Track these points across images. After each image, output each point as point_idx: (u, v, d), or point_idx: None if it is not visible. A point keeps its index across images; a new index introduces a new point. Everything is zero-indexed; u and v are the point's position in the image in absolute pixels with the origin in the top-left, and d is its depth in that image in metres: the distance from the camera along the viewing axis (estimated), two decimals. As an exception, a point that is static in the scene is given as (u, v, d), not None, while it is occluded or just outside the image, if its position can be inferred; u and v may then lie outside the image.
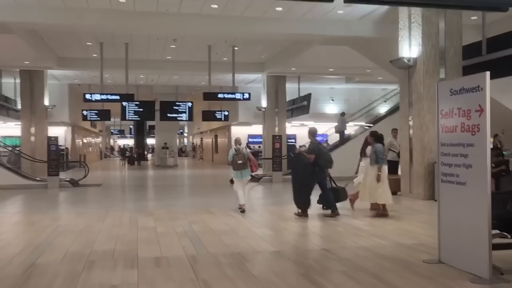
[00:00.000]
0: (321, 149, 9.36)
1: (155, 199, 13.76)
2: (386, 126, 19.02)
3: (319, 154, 9.22)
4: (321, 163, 9.25)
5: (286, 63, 20.30)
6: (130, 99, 18.30)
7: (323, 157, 9.29)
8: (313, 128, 9.65)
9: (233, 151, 10.42)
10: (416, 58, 12.08)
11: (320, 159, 9.20)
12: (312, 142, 9.47)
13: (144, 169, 30.20)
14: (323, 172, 9.44)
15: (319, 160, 9.19)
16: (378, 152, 9.17)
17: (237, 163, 10.26)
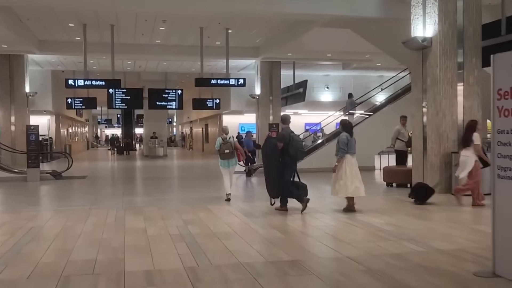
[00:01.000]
0: (292, 137, 8.41)
1: (144, 193, 12.46)
2: (387, 114, 18.05)
3: (290, 142, 8.34)
4: (291, 152, 8.36)
5: (282, 47, 19.02)
6: (117, 85, 16.91)
7: (294, 145, 8.37)
8: (285, 115, 8.94)
9: (220, 140, 10.06)
10: (432, 37, 10.88)
11: (291, 148, 8.33)
12: (283, 129, 8.70)
13: (132, 160, 28.83)
14: (295, 164, 8.62)
15: (290, 149, 8.33)
16: (340, 141, 8.47)
17: (224, 153, 9.92)
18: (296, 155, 8.44)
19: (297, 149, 8.40)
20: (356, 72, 27.60)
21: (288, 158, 8.41)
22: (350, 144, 8.47)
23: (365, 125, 18.08)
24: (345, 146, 8.38)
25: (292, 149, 8.33)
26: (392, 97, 19.28)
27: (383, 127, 17.71)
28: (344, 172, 8.41)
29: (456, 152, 10.63)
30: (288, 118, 8.79)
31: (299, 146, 8.49)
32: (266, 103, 22.75)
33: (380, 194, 11.51)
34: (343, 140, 8.43)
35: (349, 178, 8.39)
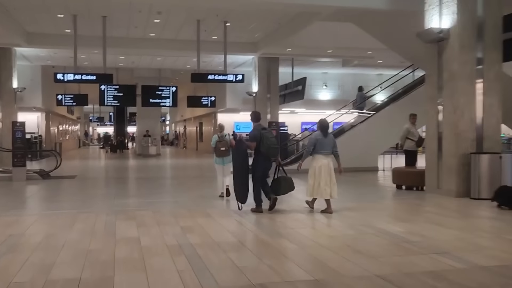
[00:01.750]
0: (263, 135, 8.09)
1: (137, 195, 11.52)
2: (390, 113, 17.24)
3: (261, 140, 8.04)
4: (263, 149, 8.07)
5: (281, 43, 18.13)
6: (108, 80, 15.93)
7: (265, 142, 8.04)
8: (256, 112, 8.64)
9: (216, 138, 9.97)
10: (449, 29, 10.05)
11: (262, 146, 8.04)
12: (254, 128, 8.33)
13: (124, 159, 27.82)
14: (268, 161, 8.25)
15: (261, 147, 8.05)
16: (308, 141, 8.40)
17: (220, 150, 9.82)
18: (268, 152, 8.10)
19: (268, 146, 8.06)
20: (355, 70, 26.79)
21: (260, 156, 8.13)
22: (322, 144, 8.14)
23: (367, 125, 17.28)
24: (312, 146, 8.13)
25: (263, 147, 8.04)
26: (395, 96, 18.48)
27: (386, 126, 16.94)
28: (313, 173, 8.16)
29: (475, 153, 9.81)
30: (259, 115, 8.52)
31: (270, 143, 8.10)
32: (263, 101, 21.85)
33: (392, 198, 10.67)
34: (311, 140, 8.25)
35: (317, 179, 8.11)
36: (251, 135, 8.22)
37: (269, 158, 8.20)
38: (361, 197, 10.72)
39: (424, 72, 18.72)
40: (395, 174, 11.81)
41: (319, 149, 8.13)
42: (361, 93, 19.35)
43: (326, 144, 8.17)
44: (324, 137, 8.19)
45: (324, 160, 8.11)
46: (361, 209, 8.88)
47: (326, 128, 8.34)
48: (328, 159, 8.17)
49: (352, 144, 16.72)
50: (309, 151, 8.19)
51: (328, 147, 8.17)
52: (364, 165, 16.89)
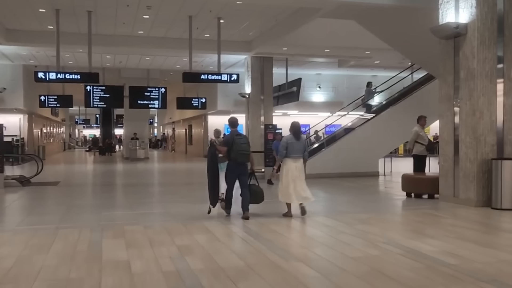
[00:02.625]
0: (235, 141, 8.13)
1: (126, 205, 10.44)
2: (391, 115, 16.40)
3: (232, 146, 8.09)
4: (232, 155, 8.13)
5: (277, 41, 17.20)
6: (94, 80, 14.82)
7: (235, 148, 8.07)
8: (233, 118, 8.54)
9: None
10: (467, 24, 9.19)
11: (232, 151, 8.10)
12: (230, 133, 8.43)
13: (111, 162, 26.66)
14: (240, 167, 8.22)
15: (231, 152, 8.12)
16: (280, 144, 8.29)
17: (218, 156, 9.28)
18: (237, 157, 8.10)
19: (237, 151, 8.07)
20: (350, 72, 25.97)
21: (230, 161, 8.21)
22: (293, 147, 8.05)
23: (366, 128, 16.41)
24: (284, 149, 8.04)
25: (233, 152, 8.08)
26: (395, 97, 17.64)
27: (387, 129, 16.12)
28: (284, 176, 8.07)
29: (496, 158, 8.95)
30: (236, 122, 8.52)
31: (240, 149, 8.09)
32: (257, 102, 20.91)
33: (406, 208, 9.75)
34: (283, 143, 8.15)
35: (284, 182, 8.05)
36: (223, 140, 8.41)
37: (241, 163, 8.20)
38: (370, 207, 9.81)
39: (424, 73, 18.17)
40: (405, 181, 10.91)
41: (290, 153, 8.05)
42: (369, 88, 18.40)
43: (298, 148, 8.09)
44: (296, 141, 8.12)
45: (295, 164, 8.04)
46: (375, 221, 7.96)
47: (299, 131, 8.25)
48: (300, 162, 8.12)
49: (351, 148, 15.89)
50: (282, 155, 8.08)
51: (299, 151, 8.10)
52: (364, 170, 16.04)
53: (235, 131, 8.38)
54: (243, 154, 8.14)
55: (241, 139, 8.25)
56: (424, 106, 15.67)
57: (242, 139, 8.26)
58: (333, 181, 14.42)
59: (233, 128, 8.44)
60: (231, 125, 8.50)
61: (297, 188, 8.02)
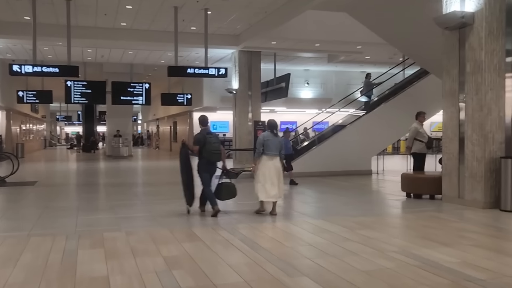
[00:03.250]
0: (207, 140, 8.08)
1: (106, 207, 9.58)
2: (383, 112, 15.78)
3: (204, 144, 8.04)
4: (204, 154, 8.08)
5: (266, 34, 16.48)
6: (74, 74, 13.90)
7: (207, 147, 8.03)
8: (203, 116, 8.48)
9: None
10: (474, 13, 8.57)
11: (203, 150, 8.05)
12: (201, 131, 8.31)
13: (93, 160, 25.67)
14: (211, 165, 8.26)
15: (203, 151, 8.07)
16: (257, 142, 8.24)
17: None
18: (209, 156, 8.06)
19: (209, 150, 8.02)
20: (339, 68, 25.40)
21: (202, 160, 8.14)
22: (269, 145, 7.98)
23: (359, 125, 15.77)
24: (261, 147, 7.98)
25: (205, 151, 8.04)
26: (387, 94, 17.06)
27: (379, 126, 15.52)
28: (261, 174, 7.98)
29: (505, 157, 8.36)
30: (206, 120, 8.43)
31: (212, 148, 8.04)
32: (244, 98, 20.17)
33: (408, 210, 9.08)
34: (259, 140, 8.10)
35: (261, 181, 7.96)
36: (195, 139, 8.23)
37: (212, 162, 8.20)
38: (369, 208, 9.15)
39: (416, 68, 17.62)
40: (404, 180, 10.27)
41: (266, 150, 7.98)
42: (367, 80, 17.59)
43: (274, 145, 8.01)
44: (273, 138, 8.05)
45: (270, 162, 7.96)
46: (379, 225, 7.31)
47: (275, 128, 8.17)
48: (276, 161, 8.03)
49: (343, 146, 15.26)
50: (260, 152, 8.00)
51: (275, 149, 8.02)
52: (356, 168, 15.43)
53: (206, 130, 8.29)
54: (216, 153, 8.10)
55: (212, 137, 8.18)
56: (418, 102, 15.14)
57: (213, 138, 8.19)
58: (325, 180, 13.76)
59: (204, 126, 8.34)
60: (202, 124, 8.38)
61: (267, 186, 7.91)
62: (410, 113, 15.45)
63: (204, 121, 8.37)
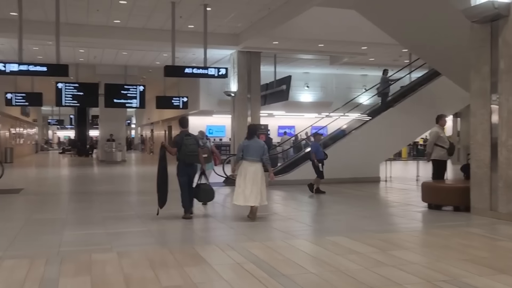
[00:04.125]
0: (184, 142, 8.04)
1: (97, 220, 8.38)
2: (392, 116, 14.81)
3: (181, 147, 8.00)
4: (180, 156, 8.07)
5: (267, 34, 15.46)
6: (63, 73, 12.69)
7: (183, 150, 7.99)
8: (184, 117, 8.56)
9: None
10: (510, 3, 7.60)
11: (180, 152, 8.02)
12: (180, 133, 8.27)
13: (85, 166, 24.51)
14: (189, 167, 8.19)
15: (180, 153, 8.03)
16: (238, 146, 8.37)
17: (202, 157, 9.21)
18: (185, 158, 8.03)
19: (185, 153, 7.97)
20: (339, 70, 24.43)
21: (180, 162, 8.12)
22: (248, 150, 7.89)
23: (366, 129, 14.73)
24: (240, 152, 7.97)
25: (181, 153, 8.00)
26: (396, 96, 16.07)
27: (388, 130, 14.53)
28: (239, 179, 7.91)
29: (547, 165, 7.37)
30: (187, 122, 8.43)
31: (188, 150, 7.98)
32: (243, 101, 19.13)
33: (437, 225, 7.97)
34: (239, 146, 8.14)
35: (242, 186, 7.83)
36: (173, 140, 8.28)
37: (190, 164, 8.14)
38: (393, 222, 8.17)
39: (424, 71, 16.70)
40: (426, 190, 9.25)
41: (245, 155, 7.89)
42: (384, 77, 16.29)
43: (254, 151, 7.90)
44: (253, 143, 7.97)
45: (251, 167, 7.84)
46: (412, 244, 6.29)
47: (255, 133, 8.12)
48: (256, 166, 7.87)
49: (349, 152, 14.26)
50: (239, 157, 7.98)
51: (255, 154, 7.89)
52: (364, 175, 14.44)
53: (185, 132, 8.24)
54: (192, 155, 8.05)
55: (189, 139, 8.12)
56: (429, 105, 14.24)
57: (190, 140, 8.13)
58: (333, 188, 12.75)
59: (184, 128, 8.31)
60: (182, 125, 8.36)
61: (246, 192, 7.75)
62: (420, 116, 14.63)
63: (184, 123, 8.37)
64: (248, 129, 8.31)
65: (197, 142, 8.24)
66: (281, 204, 10.54)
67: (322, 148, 12.49)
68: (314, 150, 12.10)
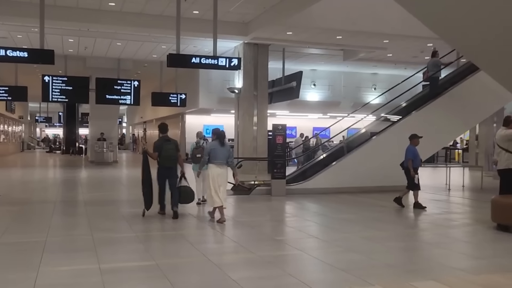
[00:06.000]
0: (163, 146, 8.30)
1: (86, 245, 6.31)
2: (423, 117, 13.00)
3: (161, 151, 8.29)
4: (160, 160, 8.35)
5: (282, 22, 13.67)
6: (47, 59, 10.61)
7: (163, 154, 8.29)
8: (163, 123, 8.83)
9: (193, 145, 10.14)
10: None
11: (160, 157, 8.31)
12: (159, 138, 8.62)
13: (74, 167, 22.40)
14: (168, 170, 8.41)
15: (160, 157, 8.32)
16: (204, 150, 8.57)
17: (196, 157, 9.67)
18: (164, 162, 8.33)
19: (163, 156, 8.29)
20: (348, 68, 22.64)
21: (160, 165, 8.42)
22: (216, 154, 8.02)
23: (390, 134, 12.79)
24: (207, 155, 8.09)
25: (161, 157, 8.32)
26: (422, 96, 14.19)
27: (419, 133, 12.67)
28: (211, 182, 7.98)
29: None
30: (166, 127, 8.77)
31: (166, 154, 8.31)
32: (249, 99, 17.33)
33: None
34: (206, 149, 8.29)
35: (213, 188, 7.94)
36: (154, 145, 8.52)
37: (168, 168, 8.38)
38: (476, 255, 6.27)
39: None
40: (498, 208, 7.39)
41: (212, 159, 8.03)
42: (434, 59, 13.47)
43: (221, 154, 8.04)
44: (219, 147, 8.08)
45: (218, 170, 8.01)
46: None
47: (223, 137, 8.22)
48: (223, 169, 8.07)
49: (374, 157, 12.41)
50: (205, 161, 8.15)
51: (222, 157, 8.04)
52: (390, 184, 12.52)
53: (164, 137, 8.56)
54: (170, 159, 8.34)
55: (169, 144, 8.41)
56: (464, 104, 12.53)
57: (169, 145, 8.41)
58: (361, 199, 10.96)
59: (163, 133, 8.65)
60: (161, 131, 8.69)
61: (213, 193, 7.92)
62: (453, 117, 12.85)
63: (163, 129, 8.69)
64: (218, 133, 8.29)
65: (176, 147, 8.49)
66: (317, 225, 8.66)
67: (417, 153, 9.98)
68: (411, 156, 9.75)
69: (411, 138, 9.98)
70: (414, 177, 9.57)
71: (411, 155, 9.70)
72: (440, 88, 13.10)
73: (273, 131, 11.59)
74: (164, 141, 8.39)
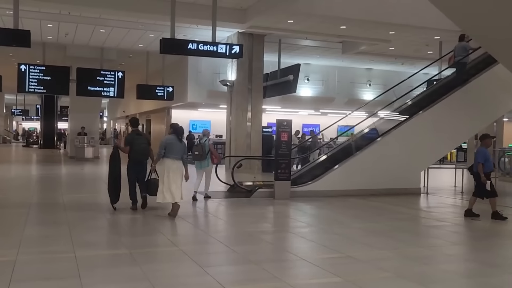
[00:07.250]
0: (134, 141, 8.32)
1: (67, 270, 4.99)
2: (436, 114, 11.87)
3: (132, 145, 8.28)
4: (130, 155, 8.35)
5: (285, 8, 12.40)
6: (22, 41, 9.09)
7: (134, 148, 8.27)
8: (134, 118, 9.12)
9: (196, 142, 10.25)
10: None
11: (131, 151, 8.30)
12: (130, 132, 8.84)
13: (52, 163, 20.79)
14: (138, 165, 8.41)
15: (130, 152, 8.31)
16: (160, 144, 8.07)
17: (194, 154, 9.74)
18: (135, 156, 8.33)
19: (134, 151, 8.27)
20: (343, 63, 21.52)
21: (130, 159, 8.40)
22: (172, 148, 7.85)
23: (402, 132, 11.62)
24: (162, 149, 7.86)
25: (132, 151, 8.30)
26: (433, 91, 13.08)
27: (431, 133, 11.60)
28: (165, 177, 7.81)
29: None
30: (137, 121, 8.94)
31: (138, 149, 8.30)
32: (243, 93, 16.07)
33: None
34: (161, 143, 7.98)
35: (166, 184, 7.80)
36: (125, 140, 8.55)
37: (139, 162, 8.38)
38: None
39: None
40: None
41: (168, 153, 7.84)
42: (463, 43, 11.96)
43: (178, 149, 7.93)
44: (177, 142, 7.95)
45: (174, 165, 7.84)
46: None
47: (181, 133, 8.09)
48: (178, 164, 7.89)
49: (385, 158, 11.26)
50: (161, 154, 7.89)
51: (178, 152, 7.93)
52: (402, 186, 11.48)
53: (135, 131, 8.62)
54: (140, 154, 8.33)
55: (139, 139, 8.43)
56: (478, 100, 11.48)
57: (140, 139, 8.44)
58: (373, 204, 9.82)
59: (134, 128, 8.74)
60: (132, 125, 8.84)
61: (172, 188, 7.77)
62: (468, 115, 11.80)
63: (135, 123, 8.87)
64: (176, 128, 8.12)
65: (147, 141, 8.56)
66: (341, 237, 7.41)
67: (489, 155, 8.57)
68: (482, 160, 8.28)
69: (482, 138, 8.52)
70: (485, 183, 8.18)
71: (481, 158, 8.21)
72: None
73: (277, 127, 10.31)
74: (135, 135, 8.42)
